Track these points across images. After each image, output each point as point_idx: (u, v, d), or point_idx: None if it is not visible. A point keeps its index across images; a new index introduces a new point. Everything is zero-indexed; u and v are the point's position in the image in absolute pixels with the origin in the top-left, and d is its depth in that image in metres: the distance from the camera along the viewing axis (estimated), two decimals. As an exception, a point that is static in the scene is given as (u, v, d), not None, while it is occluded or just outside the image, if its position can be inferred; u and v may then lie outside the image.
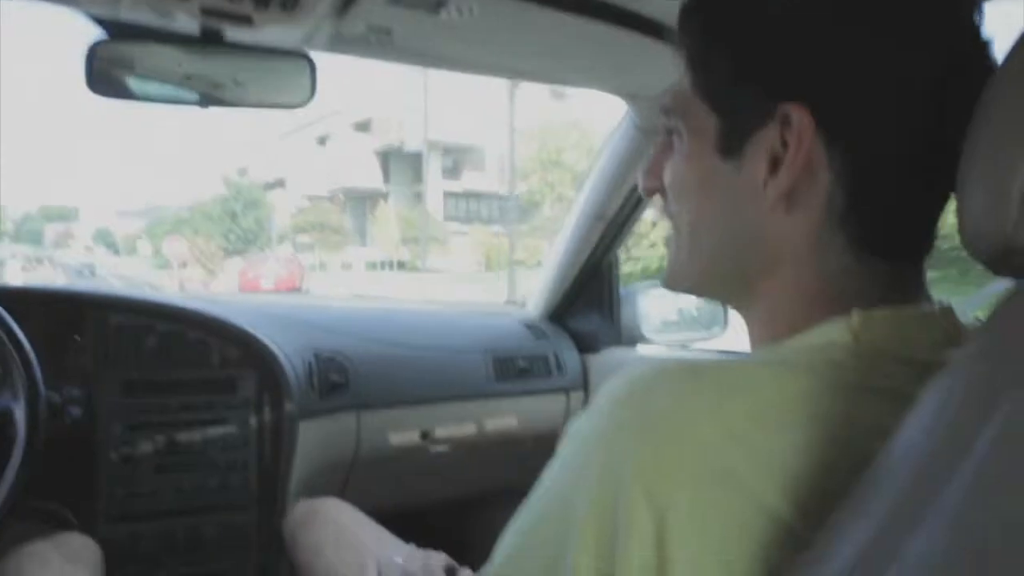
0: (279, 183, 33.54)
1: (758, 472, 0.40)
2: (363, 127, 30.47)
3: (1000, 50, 0.48)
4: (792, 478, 0.40)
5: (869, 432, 0.41)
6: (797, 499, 0.40)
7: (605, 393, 0.46)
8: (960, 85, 0.47)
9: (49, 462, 1.11)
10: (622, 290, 1.75)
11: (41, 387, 1.04)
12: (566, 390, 1.69)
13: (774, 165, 0.48)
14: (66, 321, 1.21)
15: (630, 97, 1.38)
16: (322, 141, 31.90)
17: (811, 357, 0.45)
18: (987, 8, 0.50)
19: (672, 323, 1.77)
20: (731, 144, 0.50)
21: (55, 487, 1.16)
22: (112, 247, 49.82)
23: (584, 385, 1.72)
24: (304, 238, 29.24)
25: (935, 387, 0.37)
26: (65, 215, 60.18)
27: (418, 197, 30.50)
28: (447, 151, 30.16)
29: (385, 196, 30.61)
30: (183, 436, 1.24)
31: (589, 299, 1.73)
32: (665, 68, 1.13)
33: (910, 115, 0.47)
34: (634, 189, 1.46)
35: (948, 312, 0.49)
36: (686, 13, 0.54)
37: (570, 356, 1.72)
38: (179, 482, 1.23)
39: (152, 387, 1.24)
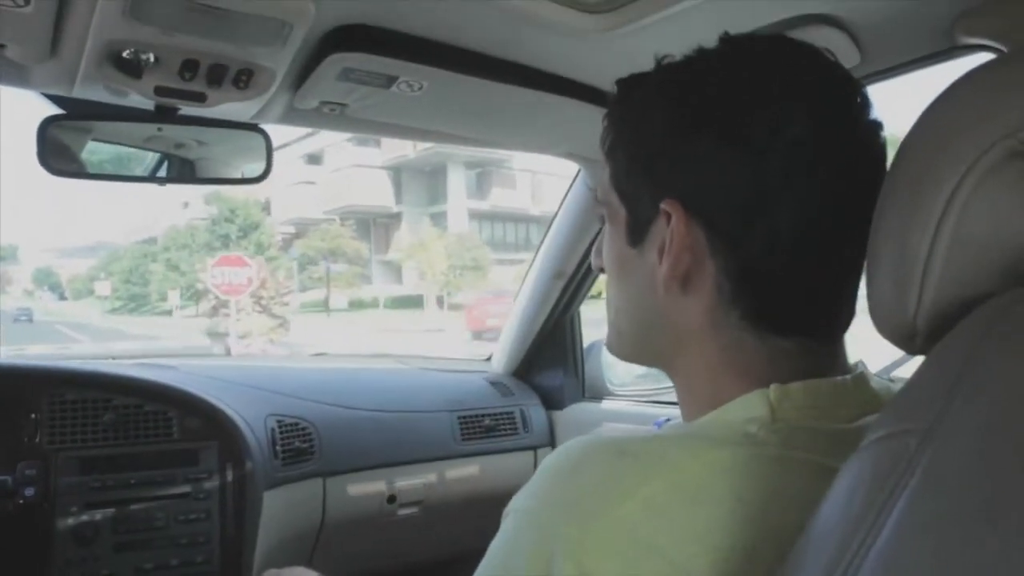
0: (263, 206, 28.32)
1: (682, 545, 0.42)
2: (365, 140, 26.49)
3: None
4: (717, 549, 0.42)
5: (790, 503, 0.42)
6: (724, 570, 0.41)
7: (539, 471, 0.49)
8: (840, 167, 0.49)
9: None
10: (587, 344, 1.77)
11: None
12: (534, 448, 1.68)
13: (662, 253, 0.52)
14: (20, 398, 1.19)
15: (582, 160, 1.42)
16: (314, 159, 28.53)
17: (731, 431, 0.46)
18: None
19: (641, 375, 1.78)
20: (635, 234, 0.55)
21: (5, 573, 1.13)
22: (57, 290, 46.11)
23: (551, 442, 1.71)
24: (337, 266, 25.43)
25: (849, 466, 0.39)
26: (1, 255, 52.64)
27: (436, 218, 26.99)
28: (469, 164, 26.72)
29: (397, 217, 27.45)
30: (143, 512, 1.20)
31: (553, 355, 1.74)
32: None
33: (778, 207, 0.48)
34: (590, 247, 1.49)
35: (860, 381, 0.52)
36: (612, 106, 0.58)
37: (536, 413, 1.72)
38: (139, 561, 1.19)
39: (110, 463, 1.21)
